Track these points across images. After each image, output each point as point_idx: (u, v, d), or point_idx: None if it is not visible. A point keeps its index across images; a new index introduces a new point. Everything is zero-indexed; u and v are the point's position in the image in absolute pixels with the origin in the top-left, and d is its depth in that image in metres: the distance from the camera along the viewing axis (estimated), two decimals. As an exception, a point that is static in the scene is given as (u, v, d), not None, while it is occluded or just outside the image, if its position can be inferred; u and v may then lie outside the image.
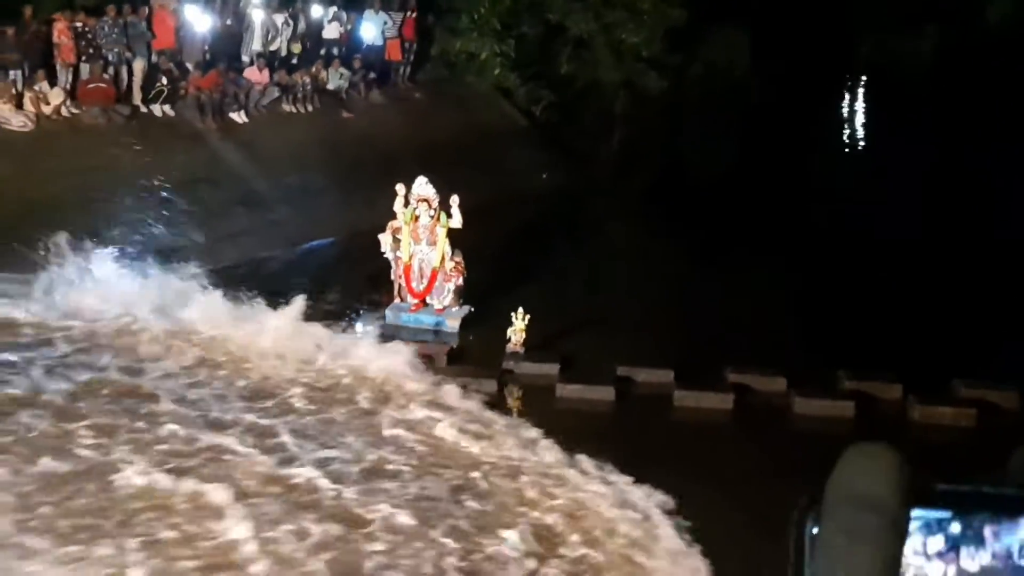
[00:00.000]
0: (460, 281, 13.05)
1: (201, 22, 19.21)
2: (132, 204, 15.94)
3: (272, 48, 20.47)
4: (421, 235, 12.92)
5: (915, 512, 1.19)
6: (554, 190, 20.53)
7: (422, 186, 12.89)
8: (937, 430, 10.95)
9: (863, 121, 34.76)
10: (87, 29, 17.56)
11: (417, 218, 12.85)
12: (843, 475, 1.19)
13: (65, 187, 15.55)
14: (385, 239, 13.08)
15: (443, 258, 12.90)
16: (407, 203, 12.87)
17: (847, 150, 29.77)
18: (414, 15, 23.14)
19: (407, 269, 12.96)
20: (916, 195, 20.57)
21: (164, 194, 16.42)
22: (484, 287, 13.43)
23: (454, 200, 12.78)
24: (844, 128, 33.06)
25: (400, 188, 12.91)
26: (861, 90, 39.09)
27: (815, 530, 1.19)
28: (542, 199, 19.56)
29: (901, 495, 1.17)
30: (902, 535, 1.17)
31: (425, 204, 12.81)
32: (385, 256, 13.18)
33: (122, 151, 16.76)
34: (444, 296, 13.07)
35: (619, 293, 14.73)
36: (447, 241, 12.93)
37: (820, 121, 32.01)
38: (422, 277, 13.00)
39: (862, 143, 31.19)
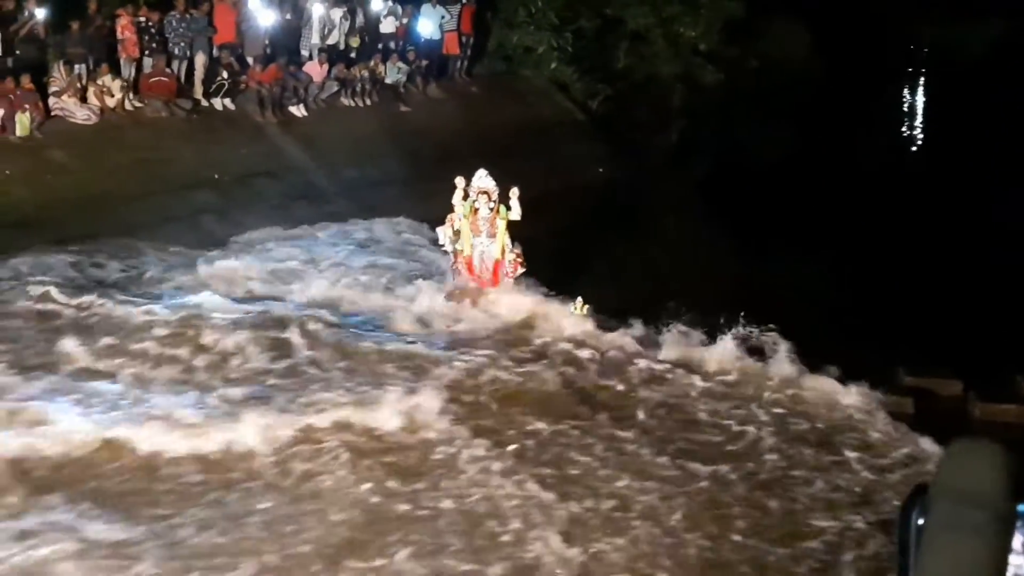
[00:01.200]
0: (520, 274, 13.01)
1: (262, 16, 19.36)
2: (193, 197, 16.13)
3: (330, 42, 20.56)
4: (481, 227, 12.86)
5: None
6: (611, 182, 20.48)
7: (482, 178, 12.85)
8: (1000, 428, 10.65)
9: (924, 113, 34.27)
10: (151, 24, 17.78)
11: (477, 211, 12.81)
12: (949, 470, 1.19)
13: (128, 179, 15.80)
14: (444, 232, 13.10)
15: (503, 250, 12.88)
16: (466, 196, 12.86)
17: (907, 143, 29.37)
18: (471, 9, 23.13)
19: (468, 262, 12.94)
20: (975, 187, 20.28)
21: (225, 187, 16.60)
22: (542, 278, 13.41)
23: (514, 192, 12.71)
24: (904, 120, 32.60)
25: (460, 181, 12.90)
26: (921, 81, 38.53)
27: (920, 522, 1.20)
28: (599, 191, 19.53)
29: (1008, 490, 1.17)
30: (1009, 529, 1.17)
31: (485, 196, 12.76)
32: (444, 249, 13.22)
33: (183, 144, 16.96)
34: (505, 289, 13.04)
35: (675, 284, 14.61)
36: (507, 233, 12.90)
37: (879, 113, 31.58)
38: (485, 269, 12.98)
39: (923, 136, 30.76)
